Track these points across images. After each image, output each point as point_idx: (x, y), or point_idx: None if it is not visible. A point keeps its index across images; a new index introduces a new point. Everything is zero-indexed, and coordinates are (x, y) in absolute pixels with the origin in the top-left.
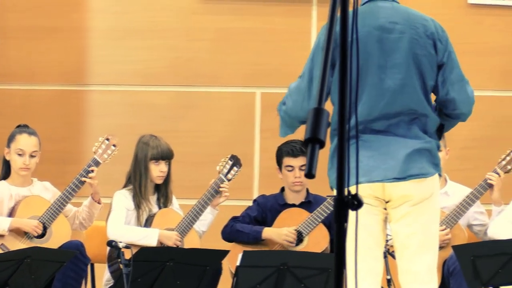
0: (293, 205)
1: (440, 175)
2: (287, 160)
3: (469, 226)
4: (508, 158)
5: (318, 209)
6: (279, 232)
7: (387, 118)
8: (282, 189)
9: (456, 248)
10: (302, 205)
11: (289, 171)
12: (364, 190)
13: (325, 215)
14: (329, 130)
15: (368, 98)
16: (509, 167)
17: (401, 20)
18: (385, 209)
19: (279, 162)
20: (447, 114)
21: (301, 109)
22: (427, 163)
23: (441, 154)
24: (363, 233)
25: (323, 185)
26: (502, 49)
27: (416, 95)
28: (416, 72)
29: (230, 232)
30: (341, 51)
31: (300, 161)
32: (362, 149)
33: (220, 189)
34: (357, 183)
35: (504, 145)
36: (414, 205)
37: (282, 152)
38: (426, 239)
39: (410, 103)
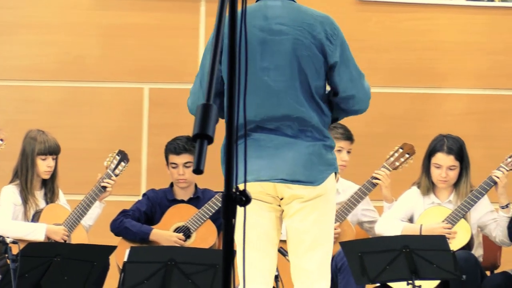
0: (182, 201)
1: (336, 173)
2: (171, 158)
3: (360, 224)
4: (396, 154)
5: (206, 205)
6: (167, 238)
7: (275, 120)
8: (172, 185)
9: (343, 244)
10: (190, 201)
11: (173, 168)
12: (254, 188)
13: (213, 211)
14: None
15: (252, 100)
16: (397, 163)
17: (288, 20)
18: (280, 208)
19: (166, 159)
20: (345, 110)
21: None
22: (317, 169)
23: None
24: (254, 231)
25: (212, 180)
26: (390, 46)
27: (299, 98)
28: (299, 74)
29: (119, 227)
30: (230, 50)
31: (184, 158)
32: (251, 148)
33: (102, 184)
34: (245, 178)
35: (392, 142)
36: (306, 201)
37: (167, 149)
38: (318, 235)
39: (294, 105)
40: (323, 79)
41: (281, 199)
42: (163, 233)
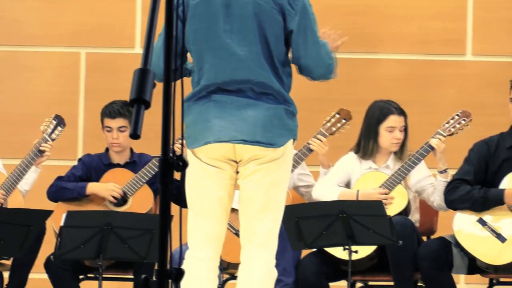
0: (118, 165)
1: (294, 139)
2: (106, 121)
3: (296, 188)
4: (333, 120)
5: (142, 169)
6: (105, 187)
7: (237, 83)
8: (107, 149)
9: None
10: (126, 165)
11: (108, 131)
12: (217, 151)
13: (150, 176)
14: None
15: (214, 62)
16: (334, 129)
17: None
18: (237, 172)
19: (102, 122)
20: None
21: (157, 67)
22: (277, 132)
23: None
24: (209, 197)
25: (149, 144)
26: (327, 11)
27: (261, 62)
28: (260, 39)
29: (55, 191)
30: (166, 14)
31: (118, 122)
32: (212, 109)
33: (41, 148)
34: (182, 143)
35: (329, 107)
36: (263, 163)
37: (103, 113)
38: (271, 198)
39: (256, 70)
40: (285, 45)
41: (240, 161)
42: (100, 184)
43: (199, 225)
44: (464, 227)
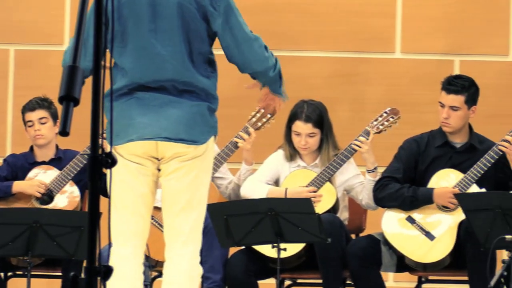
0: (43, 162)
1: (215, 136)
2: (27, 116)
3: (212, 179)
4: (258, 115)
5: (68, 166)
6: (30, 184)
7: (161, 81)
8: (32, 148)
9: (208, 206)
10: (52, 162)
11: (30, 126)
12: (139, 149)
13: (75, 172)
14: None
15: (138, 61)
16: (259, 124)
17: None
18: (159, 170)
19: (24, 120)
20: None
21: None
22: (199, 129)
23: None
24: (131, 193)
25: (75, 140)
26: (251, 8)
27: (185, 62)
28: (184, 39)
29: None
30: (96, 12)
31: (38, 114)
32: (135, 106)
33: None
34: (111, 141)
35: (255, 105)
36: (186, 160)
37: (23, 110)
38: (194, 196)
39: (180, 70)
40: (208, 44)
41: (162, 158)
42: (25, 182)
43: (122, 221)
44: (392, 225)
